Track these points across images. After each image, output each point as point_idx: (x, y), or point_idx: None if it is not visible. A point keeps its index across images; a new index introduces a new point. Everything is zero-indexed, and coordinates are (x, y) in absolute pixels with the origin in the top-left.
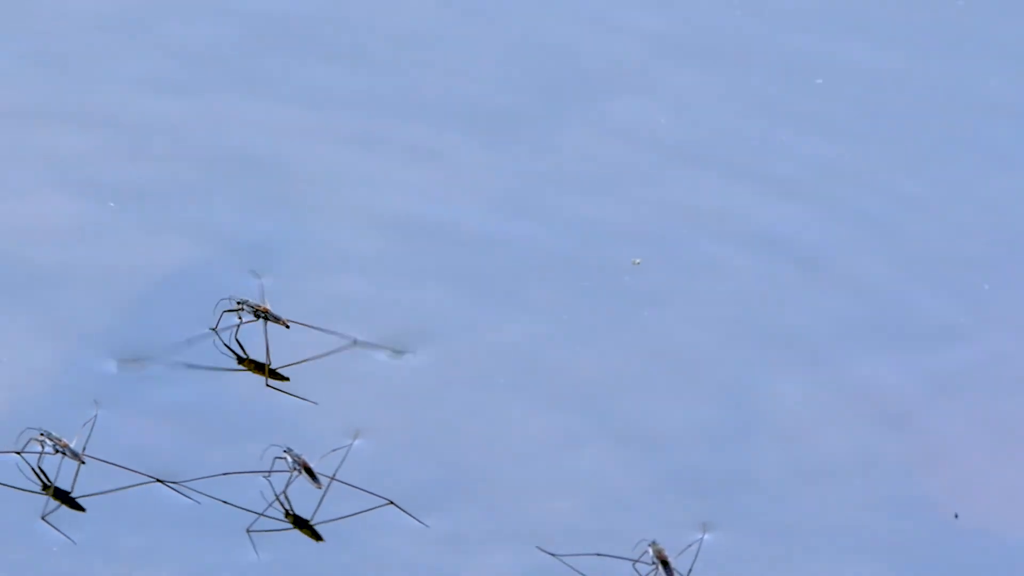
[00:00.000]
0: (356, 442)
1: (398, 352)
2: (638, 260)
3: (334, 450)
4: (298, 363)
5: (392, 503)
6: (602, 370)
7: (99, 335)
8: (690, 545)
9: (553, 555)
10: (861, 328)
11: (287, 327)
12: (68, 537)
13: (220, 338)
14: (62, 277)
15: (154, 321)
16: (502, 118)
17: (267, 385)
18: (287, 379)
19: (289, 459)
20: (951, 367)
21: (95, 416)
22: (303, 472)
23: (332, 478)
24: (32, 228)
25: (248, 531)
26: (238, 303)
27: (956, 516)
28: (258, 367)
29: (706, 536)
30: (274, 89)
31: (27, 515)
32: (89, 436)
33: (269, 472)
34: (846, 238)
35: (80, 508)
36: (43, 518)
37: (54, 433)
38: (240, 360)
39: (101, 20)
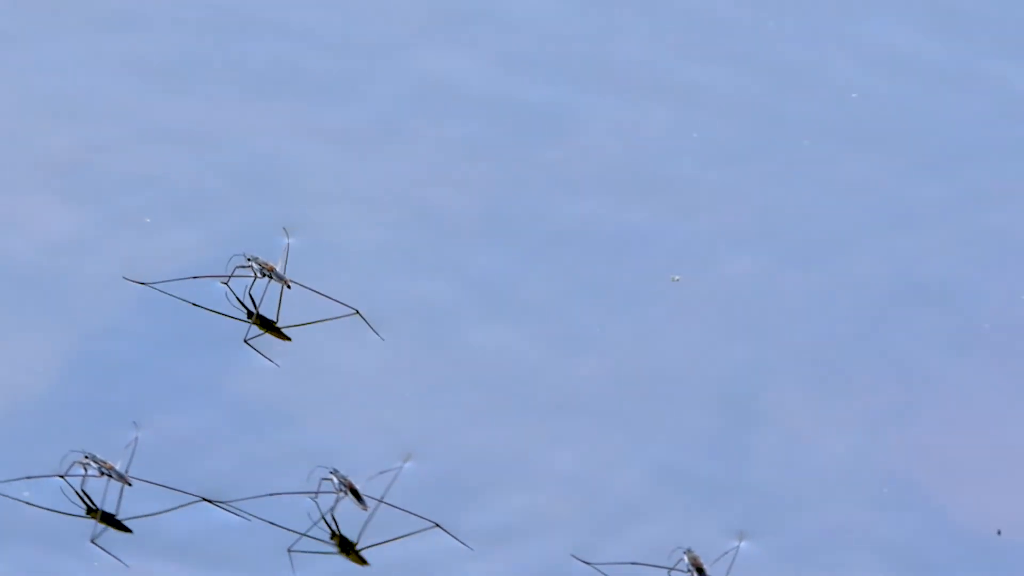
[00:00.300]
0: (406, 464)
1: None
2: (677, 277)
3: (382, 472)
4: (301, 325)
5: (438, 526)
6: (615, 376)
7: (104, 337)
8: (725, 553)
9: (588, 563)
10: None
11: (288, 287)
12: (119, 559)
13: (232, 291)
14: (61, 279)
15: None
16: (521, 116)
17: (245, 342)
18: (289, 339)
19: (335, 480)
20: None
21: (136, 438)
22: (349, 494)
23: (380, 501)
24: (33, 231)
25: (289, 551)
26: (248, 259)
27: (999, 533)
28: (265, 324)
29: (742, 544)
30: (270, 85)
31: (71, 539)
32: (132, 458)
33: (316, 493)
34: (847, 242)
35: (127, 530)
36: (92, 541)
37: (99, 455)
38: (249, 315)
39: (100, 21)
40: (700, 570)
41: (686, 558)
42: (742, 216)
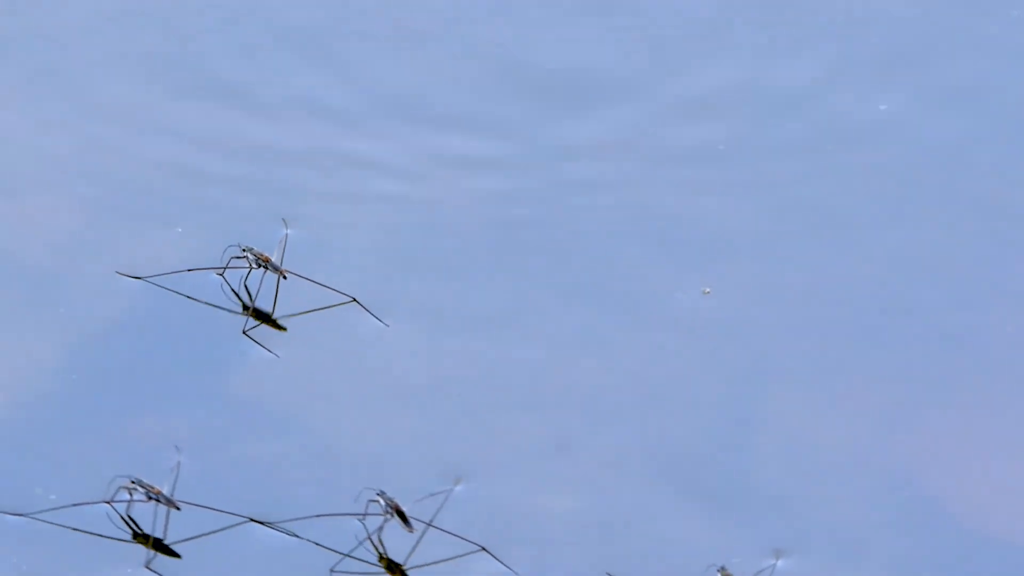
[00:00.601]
0: (457, 488)
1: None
2: (708, 289)
3: (431, 495)
4: (299, 314)
5: (484, 549)
6: (645, 387)
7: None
8: (761, 571)
9: None
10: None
11: (284, 277)
12: None
13: (228, 283)
14: (62, 278)
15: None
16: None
17: (243, 333)
18: (284, 329)
19: (382, 502)
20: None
21: (179, 463)
22: (396, 516)
23: (429, 524)
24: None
25: (332, 572)
26: (243, 249)
27: None
28: (260, 316)
29: (779, 563)
30: (269, 83)
31: (117, 567)
32: (175, 482)
33: (363, 515)
34: (846, 243)
35: (176, 555)
36: (147, 566)
37: (145, 480)
38: (245, 307)
39: (99, 19)
40: None
41: (719, 575)
42: (741, 212)
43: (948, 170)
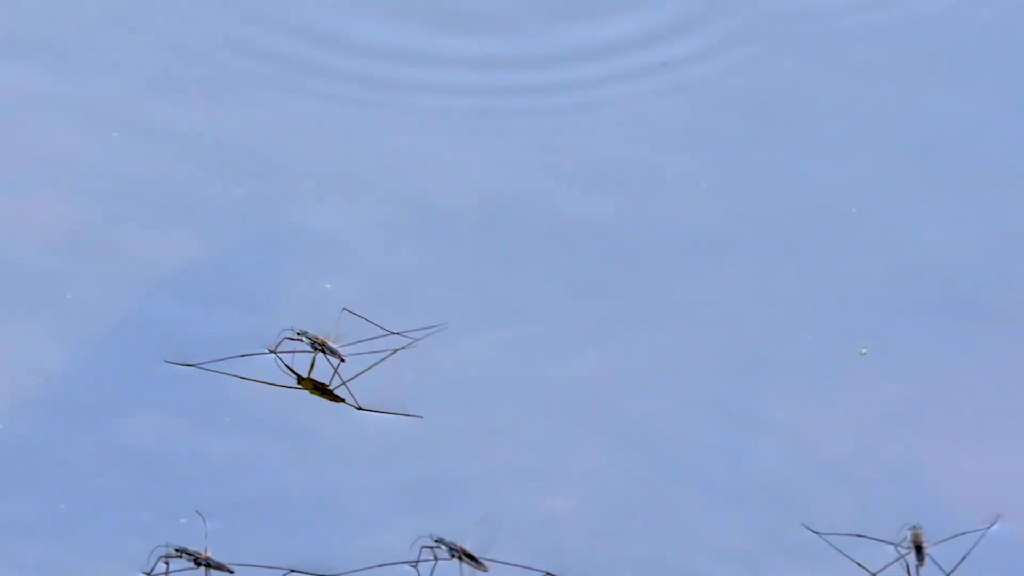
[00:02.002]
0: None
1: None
2: (864, 350)
3: (475, 523)
4: (354, 377)
5: (549, 574)
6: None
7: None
8: (954, 536)
9: (816, 533)
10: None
11: (343, 361)
12: None
13: (280, 359)
14: (65, 278)
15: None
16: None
17: (359, 408)
18: (342, 400)
19: (444, 548)
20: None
21: (207, 532)
22: (464, 559)
23: (513, 564)
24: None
25: None
26: (298, 333)
27: None
28: (317, 387)
29: (995, 527)
30: (272, 83)
31: None
32: (207, 546)
33: (416, 562)
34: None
35: None
36: None
37: (191, 548)
38: (300, 380)
39: (101, 16)
40: (919, 548)
41: (909, 534)
42: (734, 213)
43: (947, 167)
